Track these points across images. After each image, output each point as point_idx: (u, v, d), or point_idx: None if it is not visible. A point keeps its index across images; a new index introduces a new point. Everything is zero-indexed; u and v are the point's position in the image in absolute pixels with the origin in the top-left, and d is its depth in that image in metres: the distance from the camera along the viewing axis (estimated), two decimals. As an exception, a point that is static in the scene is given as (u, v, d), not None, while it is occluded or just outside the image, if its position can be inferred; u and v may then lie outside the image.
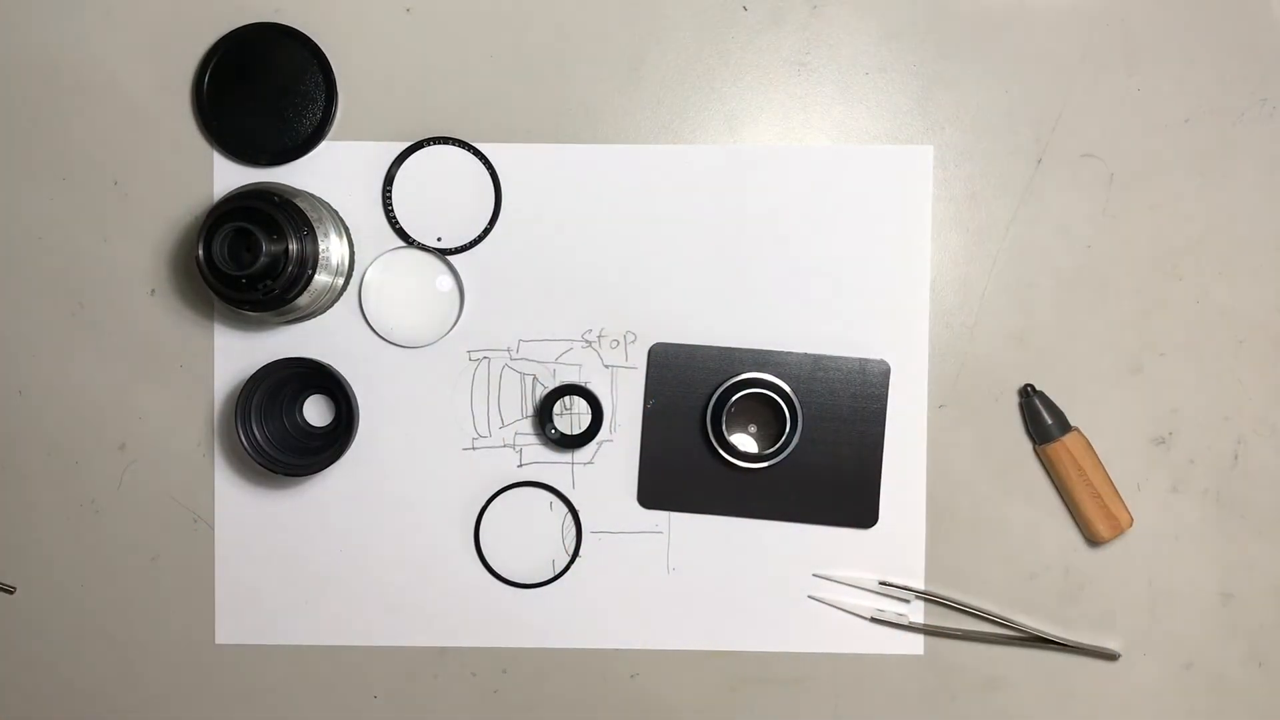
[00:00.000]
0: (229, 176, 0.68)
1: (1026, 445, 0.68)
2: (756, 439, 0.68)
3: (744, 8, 0.68)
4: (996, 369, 0.68)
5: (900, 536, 0.68)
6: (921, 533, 0.68)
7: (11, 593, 0.69)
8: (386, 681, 0.69)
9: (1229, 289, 0.68)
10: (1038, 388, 0.67)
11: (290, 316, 0.66)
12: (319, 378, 0.67)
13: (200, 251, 0.61)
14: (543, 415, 0.67)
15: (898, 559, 0.68)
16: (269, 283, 0.61)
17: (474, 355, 0.68)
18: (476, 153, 0.68)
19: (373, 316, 0.68)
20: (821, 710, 0.69)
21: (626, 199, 0.68)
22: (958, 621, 0.68)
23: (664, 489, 0.68)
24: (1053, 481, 0.68)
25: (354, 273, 0.68)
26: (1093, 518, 0.67)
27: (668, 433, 0.68)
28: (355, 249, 0.68)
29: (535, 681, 0.69)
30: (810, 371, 0.67)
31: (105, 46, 0.68)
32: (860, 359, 0.67)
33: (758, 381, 0.67)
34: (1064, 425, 0.67)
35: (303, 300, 0.63)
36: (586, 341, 0.68)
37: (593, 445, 0.68)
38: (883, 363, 0.68)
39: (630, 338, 0.68)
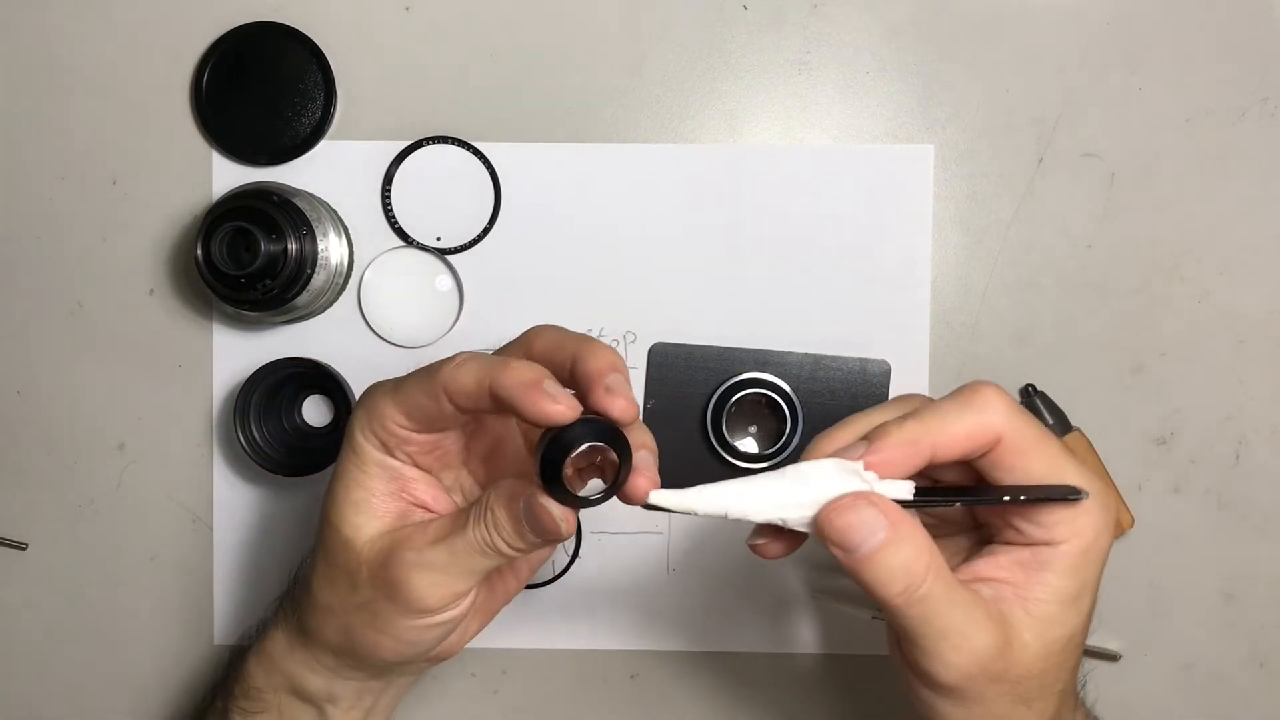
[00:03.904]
0: (228, 176, 0.68)
1: (1027, 445, 0.68)
2: (756, 439, 0.68)
3: (744, 7, 0.68)
4: (997, 369, 0.68)
5: (901, 537, 0.68)
6: (922, 533, 0.68)
7: (24, 549, 0.69)
8: (386, 682, 0.69)
9: (1230, 289, 0.68)
10: (1039, 388, 0.67)
11: (289, 316, 0.66)
12: (318, 378, 0.67)
13: (199, 251, 0.61)
14: (542, 415, 0.67)
15: (898, 559, 0.68)
16: (268, 282, 0.61)
17: (474, 355, 0.68)
18: (476, 152, 0.68)
19: (372, 316, 0.68)
20: (822, 710, 0.69)
21: (626, 199, 0.68)
22: (958, 622, 0.68)
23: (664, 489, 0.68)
24: (1053, 482, 0.68)
25: (353, 272, 0.68)
26: (1093, 518, 0.66)
27: (668, 433, 0.68)
28: (354, 249, 0.68)
29: (535, 681, 0.69)
30: (810, 371, 0.67)
31: (104, 46, 0.68)
32: (860, 359, 0.67)
33: (758, 381, 0.67)
34: (1065, 425, 0.67)
35: (302, 300, 0.63)
36: (586, 341, 0.68)
37: (593, 445, 0.68)
38: (883, 363, 0.67)
39: (630, 338, 0.68)
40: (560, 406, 0.43)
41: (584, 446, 0.43)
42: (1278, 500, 0.68)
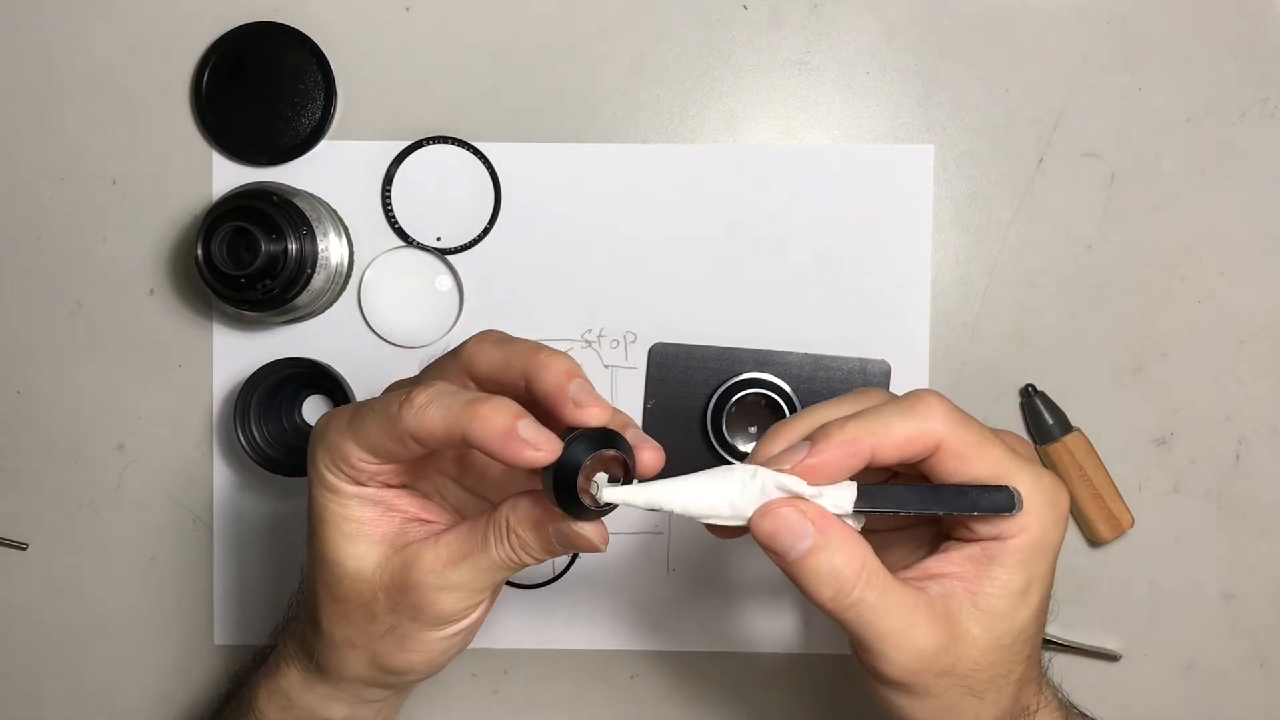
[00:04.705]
0: (228, 176, 0.68)
1: (1027, 445, 0.68)
2: (757, 439, 0.68)
3: (744, 7, 0.68)
4: (997, 369, 0.68)
5: (901, 537, 0.68)
6: (922, 533, 0.68)
7: (24, 549, 0.69)
8: (386, 682, 0.69)
9: (1230, 289, 0.68)
10: (1039, 388, 0.67)
11: (289, 316, 0.66)
12: (318, 378, 0.66)
13: (199, 251, 0.61)
14: (542, 415, 0.67)
15: (898, 559, 0.68)
16: (268, 282, 0.61)
17: (474, 355, 0.68)
18: (476, 152, 0.68)
19: (372, 316, 0.68)
20: (821, 710, 0.69)
21: (626, 199, 0.68)
22: (958, 622, 0.68)
23: (664, 489, 0.68)
24: (1053, 482, 0.68)
25: (353, 272, 0.68)
26: (1094, 518, 0.67)
27: (668, 433, 0.68)
28: (354, 248, 0.68)
29: (535, 681, 0.69)
30: (810, 371, 0.67)
31: (104, 46, 0.68)
32: (860, 359, 0.67)
33: (758, 382, 0.67)
34: (1065, 425, 0.67)
35: (302, 300, 0.63)
36: (586, 341, 0.68)
37: (593, 445, 0.68)
38: (883, 363, 0.67)
39: (630, 338, 0.68)
40: (543, 453, 0.43)
41: (587, 464, 0.43)
42: (1278, 500, 0.68)
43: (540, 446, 0.43)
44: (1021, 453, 0.47)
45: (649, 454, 0.46)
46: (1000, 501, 0.45)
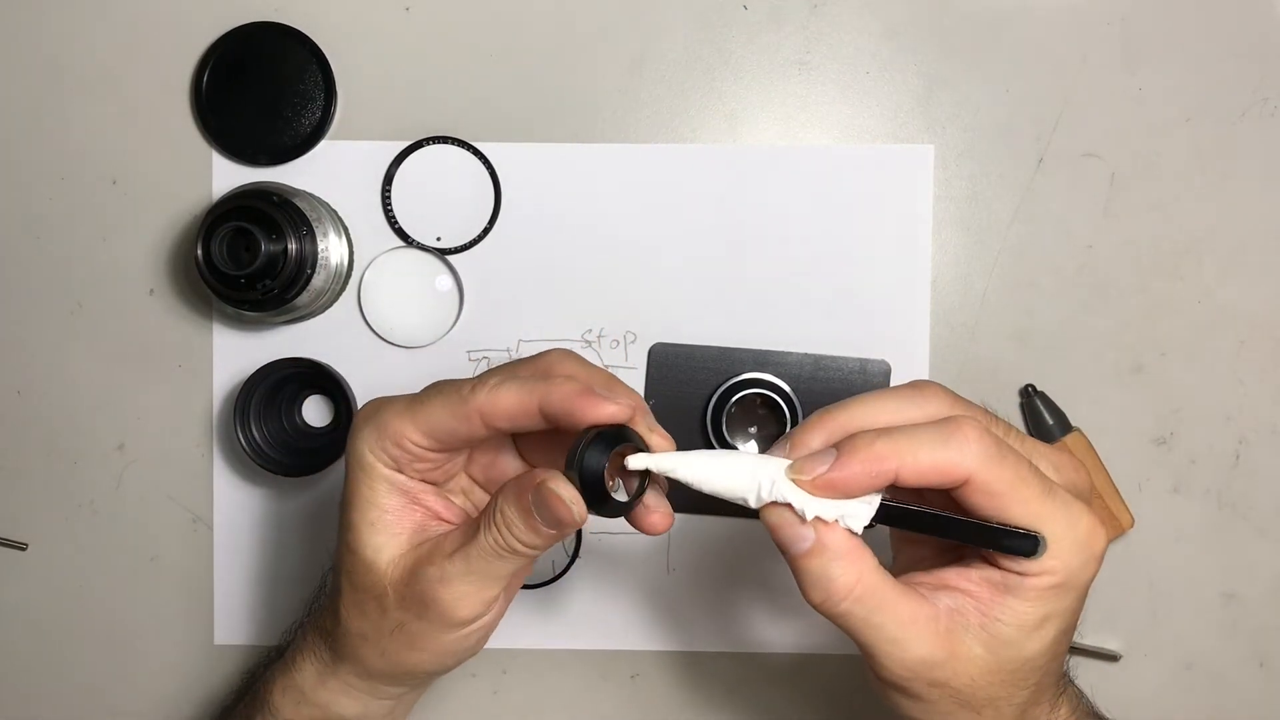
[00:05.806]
0: (228, 176, 0.68)
1: (1027, 445, 0.68)
2: (757, 439, 0.68)
3: (744, 7, 0.68)
4: (997, 369, 0.68)
5: (901, 537, 0.68)
6: (922, 533, 0.68)
7: (24, 550, 0.69)
8: (386, 682, 0.69)
9: (1230, 288, 0.68)
10: (1039, 388, 0.67)
11: (289, 316, 0.66)
12: (318, 378, 0.66)
13: (199, 251, 0.61)
14: (542, 415, 0.67)
15: (898, 559, 0.68)
16: (268, 282, 0.61)
17: (473, 355, 0.68)
18: (476, 152, 0.68)
19: (372, 316, 0.68)
20: (822, 710, 0.69)
21: (626, 199, 0.68)
22: (958, 622, 0.68)
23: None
24: (1053, 482, 0.68)
25: (353, 272, 0.68)
26: (1094, 518, 0.66)
27: (668, 433, 0.67)
28: (354, 248, 0.68)
29: (535, 681, 0.69)
30: (810, 372, 0.67)
31: (104, 46, 0.68)
32: (861, 359, 0.67)
33: (758, 382, 0.67)
34: (1065, 425, 0.67)
35: (302, 300, 0.63)
36: (586, 341, 0.68)
37: (593, 445, 0.68)
38: (883, 363, 0.67)
39: (630, 338, 0.68)
40: (616, 406, 0.45)
41: (616, 450, 0.45)
42: (1278, 500, 0.68)
43: (616, 400, 0.45)
44: (1069, 482, 0.46)
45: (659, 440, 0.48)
46: (1023, 547, 0.44)
